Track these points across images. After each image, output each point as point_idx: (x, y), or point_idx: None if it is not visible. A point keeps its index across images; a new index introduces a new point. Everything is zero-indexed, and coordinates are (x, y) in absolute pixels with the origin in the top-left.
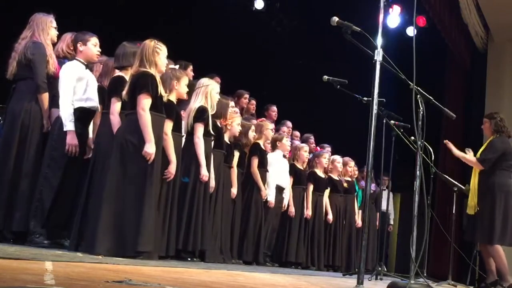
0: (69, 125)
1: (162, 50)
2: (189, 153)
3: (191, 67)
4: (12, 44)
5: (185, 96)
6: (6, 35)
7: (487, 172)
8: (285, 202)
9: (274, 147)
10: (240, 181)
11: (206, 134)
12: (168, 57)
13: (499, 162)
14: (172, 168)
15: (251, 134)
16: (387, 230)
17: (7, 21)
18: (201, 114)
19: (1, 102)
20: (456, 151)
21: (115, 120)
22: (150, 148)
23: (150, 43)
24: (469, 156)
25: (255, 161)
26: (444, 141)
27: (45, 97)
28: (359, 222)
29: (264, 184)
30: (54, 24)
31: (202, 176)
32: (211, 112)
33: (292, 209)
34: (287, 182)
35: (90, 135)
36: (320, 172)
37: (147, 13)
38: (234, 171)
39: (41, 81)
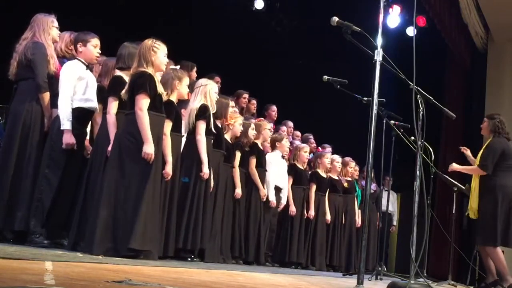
0: (66, 124)
1: (160, 49)
2: (190, 152)
3: (195, 68)
4: (14, 44)
5: (186, 97)
6: (8, 35)
7: (488, 176)
8: (283, 202)
9: (273, 147)
10: (243, 181)
11: (208, 132)
12: (168, 57)
13: (499, 163)
14: (168, 168)
15: (251, 132)
16: (389, 230)
17: (8, 21)
18: (203, 112)
19: (4, 102)
20: (459, 168)
21: (111, 119)
22: (148, 149)
23: (147, 42)
24: (470, 167)
25: (252, 161)
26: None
27: (46, 96)
28: (359, 222)
29: (263, 184)
30: (56, 24)
31: (203, 174)
32: (212, 111)
33: (292, 208)
34: (285, 182)
35: (89, 135)
36: (322, 173)
37: (147, 13)
38: (237, 171)
39: (42, 81)
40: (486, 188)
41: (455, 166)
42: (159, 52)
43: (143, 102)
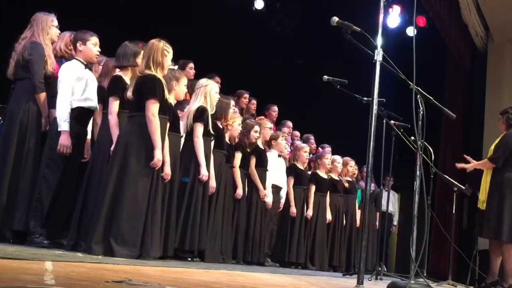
0: (63, 125)
1: (169, 52)
2: (189, 153)
3: (190, 65)
4: (14, 43)
5: (183, 97)
6: (7, 34)
7: (498, 168)
8: (283, 201)
9: (269, 146)
10: (244, 182)
11: (206, 134)
12: None
13: (509, 157)
14: (166, 168)
15: (254, 134)
16: (389, 230)
17: (8, 21)
18: (200, 114)
19: (2, 102)
20: (469, 166)
21: (113, 119)
22: (159, 154)
23: (158, 43)
24: (480, 162)
25: (252, 161)
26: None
27: (42, 96)
28: (359, 222)
29: (264, 184)
30: (55, 23)
31: (201, 176)
32: (210, 112)
33: (293, 210)
34: (284, 181)
35: (89, 135)
36: (322, 173)
37: (147, 13)
38: (237, 172)
39: (38, 81)
40: (495, 182)
41: (464, 165)
42: (169, 55)
43: (154, 107)
